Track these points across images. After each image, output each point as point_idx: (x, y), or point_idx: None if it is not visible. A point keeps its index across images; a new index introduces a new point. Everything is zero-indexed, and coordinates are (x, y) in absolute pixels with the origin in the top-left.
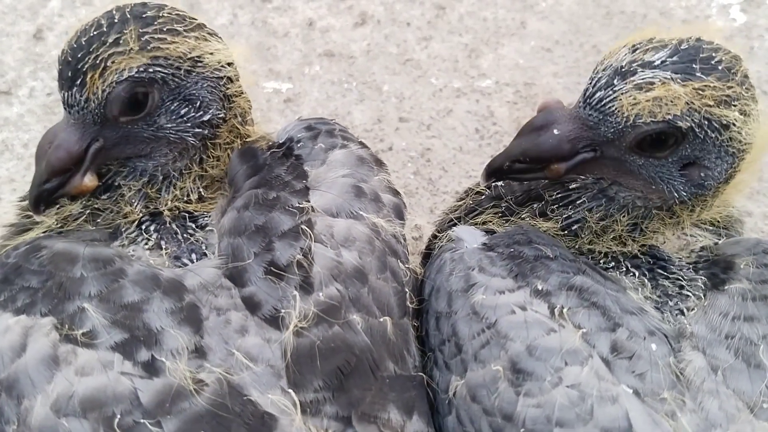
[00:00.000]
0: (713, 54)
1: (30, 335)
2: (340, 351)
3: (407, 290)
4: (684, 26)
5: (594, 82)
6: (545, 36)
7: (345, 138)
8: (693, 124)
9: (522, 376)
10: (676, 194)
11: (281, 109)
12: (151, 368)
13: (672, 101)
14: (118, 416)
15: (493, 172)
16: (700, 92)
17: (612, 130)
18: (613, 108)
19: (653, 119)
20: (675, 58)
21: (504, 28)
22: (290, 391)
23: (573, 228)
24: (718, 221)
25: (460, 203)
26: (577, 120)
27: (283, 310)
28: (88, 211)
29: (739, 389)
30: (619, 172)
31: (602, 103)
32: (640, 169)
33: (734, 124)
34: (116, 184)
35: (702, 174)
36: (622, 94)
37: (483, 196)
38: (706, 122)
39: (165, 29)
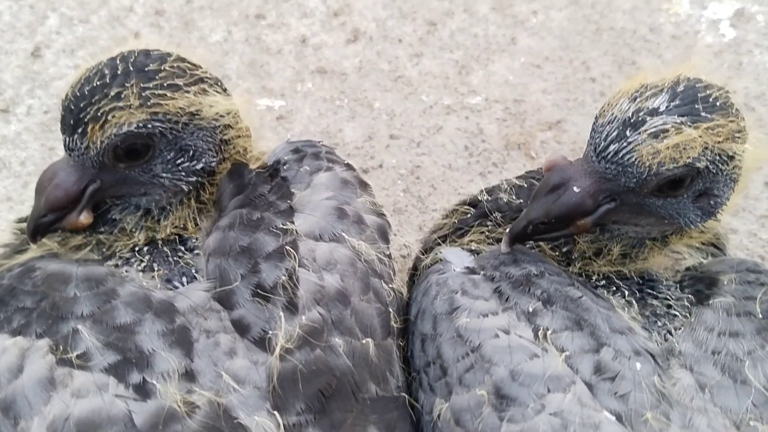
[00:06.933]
0: (708, 92)
1: (27, 357)
2: (321, 374)
3: (391, 310)
4: (674, 41)
5: (604, 135)
6: (535, 52)
7: (330, 160)
8: (708, 162)
9: (506, 401)
10: (691, 224)
11: (274, 126)
12: (143, 391)
13: (689, 145)
14: None
15: (517, 236)
16: (711, 131)
17: (634, 180)
18: (633, 159)
19: (675, 165)
20: (677, 102)
21: (494, 44)
22: (275, 413)
23: (563, 250)
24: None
25: (444, 221)
26: (594, 174)
27: (270, 332)
28: (93, 242)
29: (726, 406)
30: (637, 214)
31: (619, 156)
32: (658, 209)
33: (737, 154)
34: (114, 217)
35: (712, 202)
36: (638, 145)
37: (468, 215)
38: (717, 157)
39: (166, 84)
